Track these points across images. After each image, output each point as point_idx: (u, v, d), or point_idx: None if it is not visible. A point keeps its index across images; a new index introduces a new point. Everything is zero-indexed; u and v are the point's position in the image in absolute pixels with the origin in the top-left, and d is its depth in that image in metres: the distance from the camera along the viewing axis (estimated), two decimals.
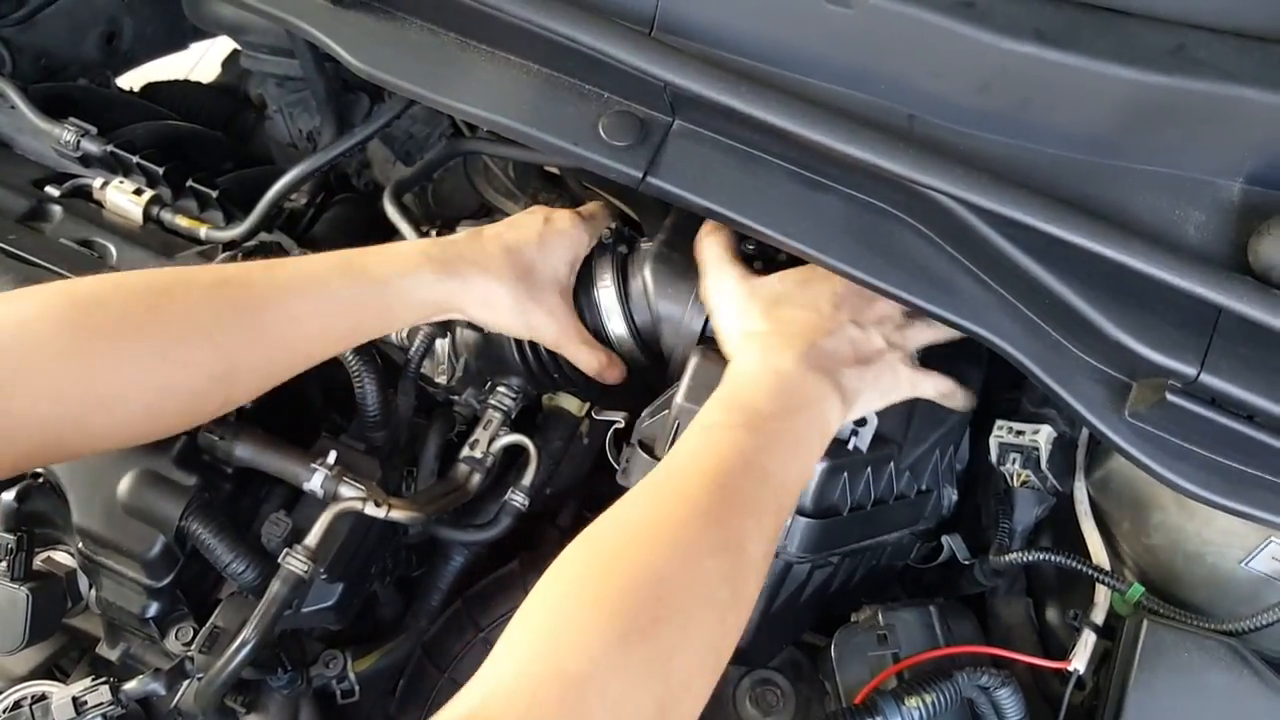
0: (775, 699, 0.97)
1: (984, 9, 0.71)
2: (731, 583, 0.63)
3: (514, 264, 0.90)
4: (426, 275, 0.85)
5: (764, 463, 0.69)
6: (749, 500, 0.67)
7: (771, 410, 0.73)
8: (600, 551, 0.62)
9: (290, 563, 0.82)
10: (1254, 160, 0.70)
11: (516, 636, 0.58)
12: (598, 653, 0.55)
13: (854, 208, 0.78)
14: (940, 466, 0.92)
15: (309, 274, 0.81)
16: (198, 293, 0.77)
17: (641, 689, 0.56)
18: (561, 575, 0.61)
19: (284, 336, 0.80)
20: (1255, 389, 0.66)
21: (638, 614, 0.57)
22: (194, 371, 0.76)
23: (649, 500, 0.66)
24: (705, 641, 0.60)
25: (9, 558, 0.88)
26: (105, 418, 0.74)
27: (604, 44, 0.73)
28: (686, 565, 0.61)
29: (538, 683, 0.53)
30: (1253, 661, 0.78)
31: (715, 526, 0.64)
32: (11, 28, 1.22)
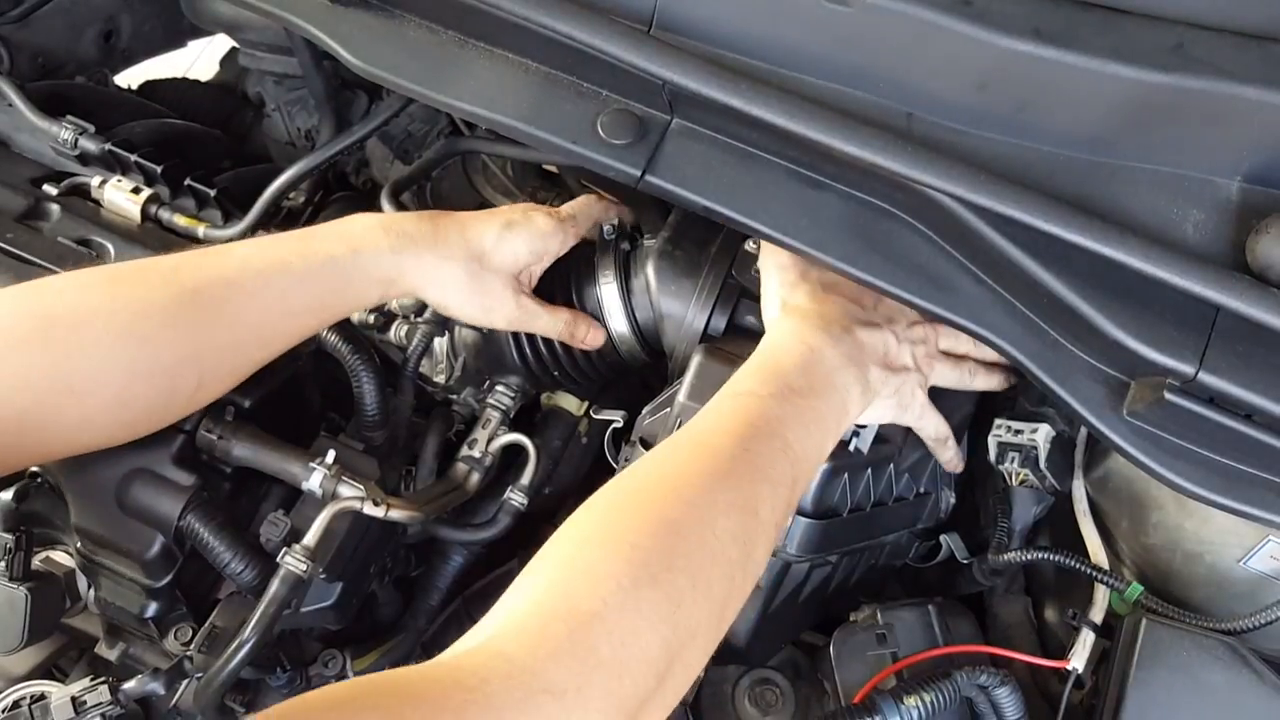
0: (774, 698, 0.97)
1: (982, 7, 0.71)
2: (743, 543, 0.64)
3: (468, 245, 0.89)
4: (383, 249, 0.85)
5: (786, 434, 0.70)
6: (768, 468, 0.68)
7: (800, 385, 0.74)
8: (622, 498, 0.64)
9: (289, 562, 0.82)
10: (1252, 159, 0.70)
11: (533, 573, 0.59)
12: (608, 592, 0.56)
13: (852, 206, 0.78)
14: (939, 469, 0.92)
15: (263, 253, 0.82)
16: (154, 277, 0.77)
17: (649, 631, 0.57)
18: (583, 518, 0.63)
19: (244, 316, 0.80)
20: (1253, 388, 0.66)
21: (650, 560, 0.59)
22: (159, 349, 0.76)
23: (675, 455, 0.68)
24: (713, 594, 0.62)
25: (7, 557, 0.88)
26: (77, 405, 0.74)
27: (603, 42, 0.73)
28: (702, 520, 0.62)
29: (548, 617, 0.55)
30: (1251, 660, 0.78)
31: (733, 487, 0.65)
32: (9, 25, 1.22)
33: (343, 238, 0.85)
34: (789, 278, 0.85)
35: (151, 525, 0.87)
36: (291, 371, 0.96)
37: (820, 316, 0.81)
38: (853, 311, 0.82)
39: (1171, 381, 0.68)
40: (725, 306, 0.94)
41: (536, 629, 0.55)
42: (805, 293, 0.84)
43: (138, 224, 1.06)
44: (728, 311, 0.94)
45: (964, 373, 0.88)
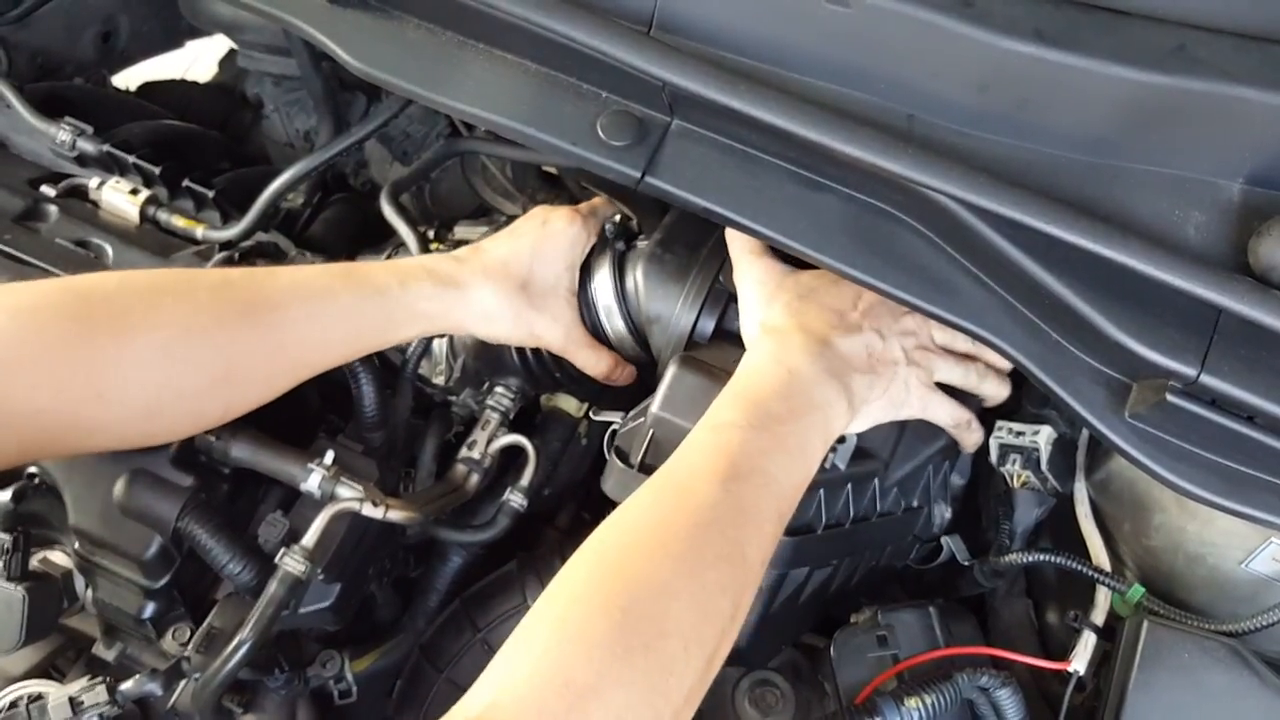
0: (775, 700, 0.96)
1: (983, 8, 0.71)
2: (732, 594, 0.64)
3: (511, 275, 0.90)
4: (426, 287, 0.86)
5: (768, 467, 0.70)
6: (752, 508, 0.68)
7: (780, 412, 0.73)
8: (608, 559, 0.63)
9: (287, 563, 0.82)
10: (1254, 160, 0.70)
11: (524, 641, 0.59)
12: (603, 665, 0.56)
13: (853, 208, 0.77)
14: (932, 484, 0.92)
15: (311, 279, 0.82)
16: (202, 293, 0.77)
17: (643, 701, 0.57)
18: (570, 582, 0.62)
19: (285, 341, 0.80)
20: (1255, 390, 0.66)
21: (643, 627, 0.59)
22: (194, 370, 0.76)
23: (657, 504, 0.67)
24: (705, 653, 0.61)
25: (5, 558, 0.88)
26: (104, 412, 0.73)
27: (602, 43, 0.73)
28: (691, 577, 0.62)
29: (545, 691, 0.55)
30: (1253, 662, 0.78)
31: (719, 536, 0.65)
32: (7, 26, 1.22)
33: (390, 273, 0.85)
34: (764, 293, 0.85)
35: (149, 526, 0.87)
36: None
37: (798, 332, 0.80)
38: (831, 320, 0.81)
39: (1173, 383, 0.68)
40: (712, 310, 0.93)
41: (536, 702, 0.55)
42: (781, 307, 0.83)
43: (136, 225, 1.06)
44: (715, 315, 0.93)
45: (970, 372, 0.87)
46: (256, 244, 1.05)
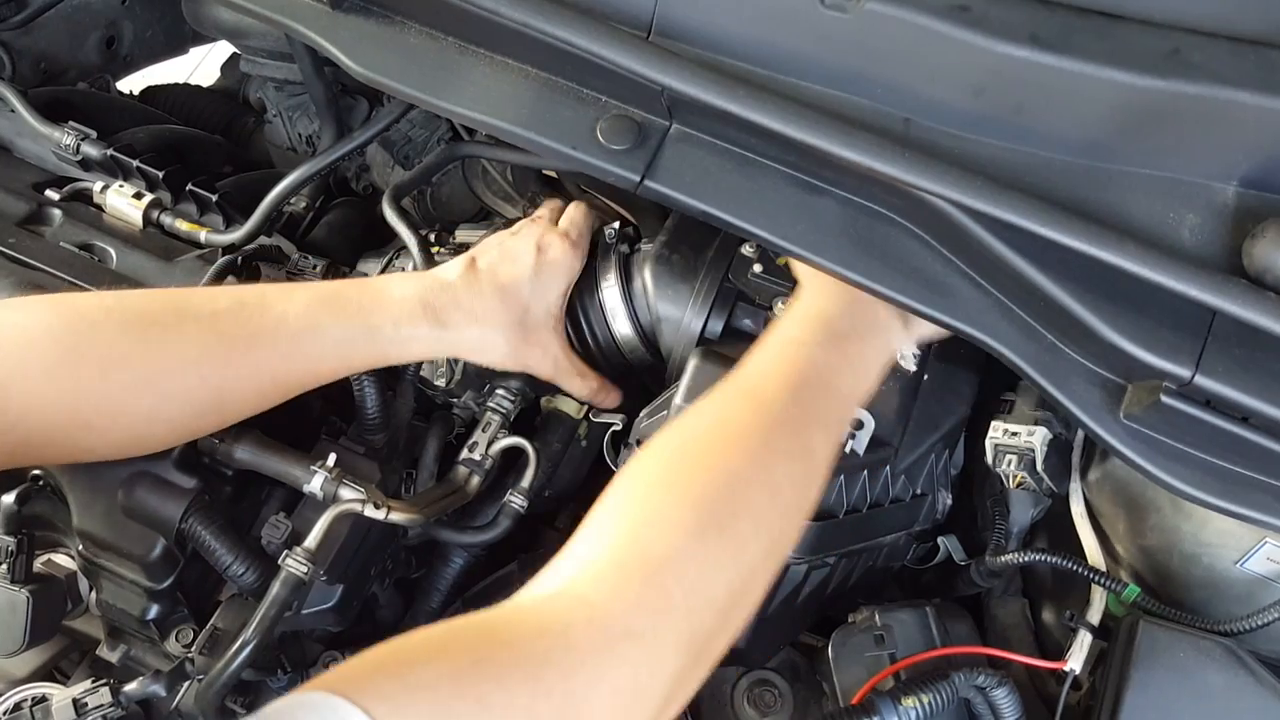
0: (773, 699, 0.97)
1: (979, 13, 0.72)
2: (799, 487, 0.69)
3: (509, 307, 0.90)
4: (422, 326, 0.86)
5: (834, 380, 0.74)
6: (820, 413, 0.72)
7: (845, 329, 0.78)
8: (686, 448, 0.67)
9: (290, 564, 0.82)
10: (1248, 163, 0.70)
11: (604, 519, 0.62)
12: (680, 541, 0.60)
13: (850, 211, 0.78)
14: (935, 471, 0.93)
15: (302, 313, 0.82)
16: (190, 325, 0.77)
17: (716, 577, 0.61)
18: (648, 468, 0.65)
19: (273, 372, 0.81)
20: (1250, 391, 0.66)
21: (717, 509, 0.62)
22: (181, 401, 0.78)
23: (732, 404, 0.70)
24: (772, 537, 0.66)
25: (9, 560, 0.88)
26: (90, 437, 0.75)
27: (602, 48, 0.73)
28: (763, 468, 0.66)
29: (623, 564, 0.58)
30: (1248, 662, 0.78)
31: (790, 435, 0.69)
32: (11, 31, 1.23)
33: (383, 309, 0.85)
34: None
35: (153, 528, 0.87)
36: None
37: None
38: None
39: (1168, 385, 0.68)
40: (722, 310, 0.94)
41: (613, 576, 0.58)
42: None
43: (140, 229, 1.06)
44: (724, 315, 0.94)
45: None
46: (259, 248, 1.06)
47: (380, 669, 0.50)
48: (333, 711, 0.46)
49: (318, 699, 0.46)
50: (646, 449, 0.67)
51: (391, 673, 0.50)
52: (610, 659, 0.54)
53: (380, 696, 0.47)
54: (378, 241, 1.15)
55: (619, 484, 0.65)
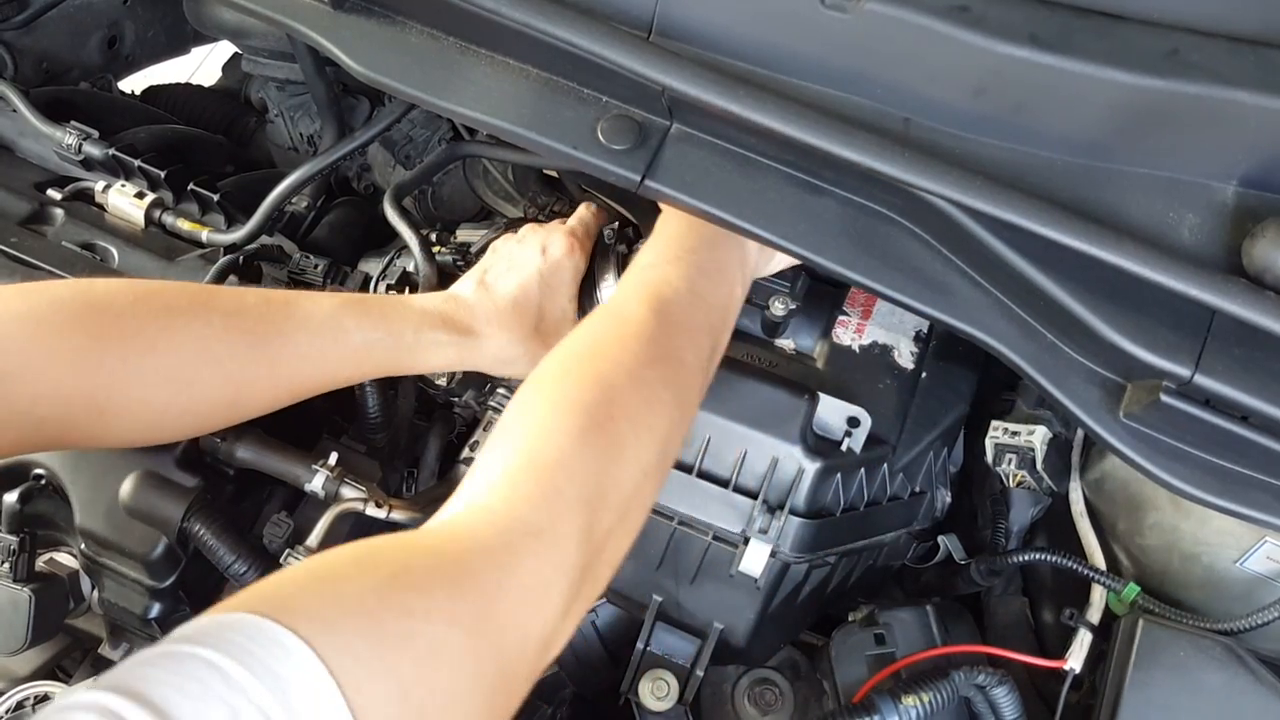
0: (773, 698, 0.97)
1: (979, 13, 0.72)
2: (672, 387, 0.72)
3: (525, 316, 0.91)
4: (440, 335, 0.87)
5: (692, 288, 0.78)
6: (682, 320, 0.76)
7: (694, 243, 0.82)
8: (562, 367, 0.71)
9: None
10: (1248, 163, 0.70)
11: (495, 442, 0.66)
12: (565, 444, 0.64)
13: (850, 211, 0.78)
14: (934, 469, 0.93)
15: (326, 316, 0.82)
16: (216, 319, 0.77)
17: (604, 474, 0.65)
18: (531, 391, 0.69)
19: (293, 372, 0.81)
20: (1249, 390, 0.67)
21: (595, 413, 0.66)
22: (200, 394, 0.77)
23: (599, 327, 0.74)
24: (655, 435, 0.70)
25: (12, 559, 0.88)
26: (103, 424, 0.74)
27: (602, 48, 0.74)
28: (633, 376, 0.70)
29: (516, 471, 0.62)
30: (1248, 661, 0.78)
31: (653, 343, 0.72)
32: (13, 31, 1.23)
33: (405, 317, 0.86)
34: None
35: (155, 527, 0.87)
36: None
37: None
38: None
39: (1167, 384, 0.68)
40: None
41: (508, 483, 0.61)
42: None
43: (141, 229, 1.07)
44: None
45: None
46: (261, 247, 1.06)
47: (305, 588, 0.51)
48: (260, 633, 0.45)
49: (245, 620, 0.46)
50: (531, 376, 0.70)
51: (316, 591, 0.50)
52: (516, 555, 0.57)
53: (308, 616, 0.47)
54: (379, 241, 1.16)
55: (508, 411, 0.68)
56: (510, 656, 0.56)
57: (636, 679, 0.90)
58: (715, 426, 0.86)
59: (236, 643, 0.45)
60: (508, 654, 0.55)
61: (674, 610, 0.91)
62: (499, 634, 0.55)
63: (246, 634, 0.45)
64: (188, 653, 0.44)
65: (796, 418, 0.85)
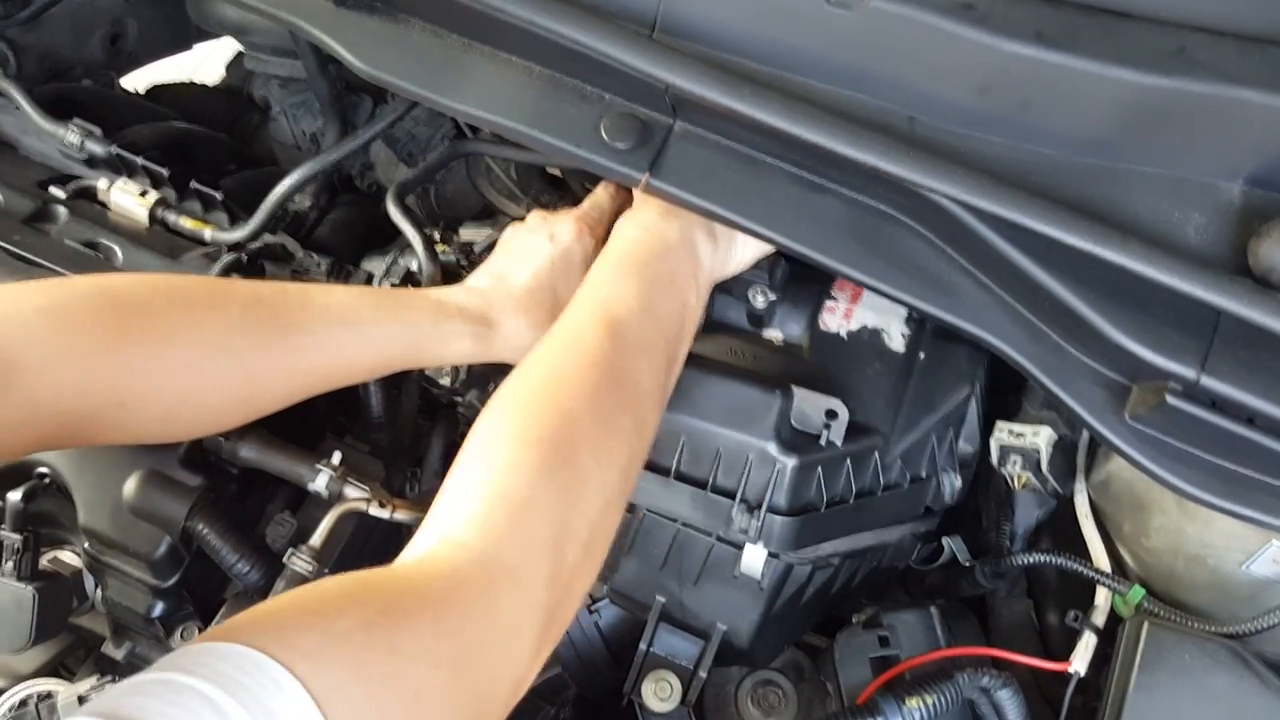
0: (777, 699, 0.97)
1: (984, 11, 0.72)
2: (629, 412, 0.73)
3: (540, 304, 0.91)
4: (459, 326, 0.86)
5: (644, 303, 0.77)
6: (636, 340, 0.75)
7: (641, 256, 0.81)
8: (522, 399, 0.71)
9: (295, 563, 0.83)
10: (1254, 162, 0.70)
11: (464, 475, 0.66)
12: (533, 481, 0.64)
13: (855, 210, 0.78)
14: (938, 453, 0.91)
15: (344, 306, 0.82)
16: (234, 310, 0.77)
17: (572, 507, 0.66)
18: (494, 422, 0.69)
19: (311, 365, 0.81)
20: (1256, 392, 0.66)
21: (559, 448, 0.67)
22: (219, 386, 0.77)
23: (552, 354, 0.74)
24: (616, 463, 0.70)
25: (15, 557, 0.89)
26: (124, 416, 0.74)
27: (606, 46, 0.73)
28: (591, 404, 0.70)
29: (489, 507, 0.62)
30: (1254, 664, 0.78)
31: (609, 369, 0.72)
32: (16, 29, 1.22)
33: (423, 309, 0.86)
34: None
35: (158, 526, 0.88)
36: None
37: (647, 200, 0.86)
38: None
39: (1173, 385, 0.68)
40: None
41: (483, 518, 0.62)
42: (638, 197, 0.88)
43: (145, 227, 1.06)
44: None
45: None
46: (264, 245, 1.06)
47: (299, 620, 0.51)
48: (254, 666, 0.46)
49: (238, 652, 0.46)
50: (490, 405, 0.70)
51: (309, 625, 0.51)
52: (494, 596, 0.58)
53: (301, 652, 0.48)
54: (382, 239, 1.15)
55: (471, 442, 0.68)
56: (486, 698, 0.57)
57: (639, 680, 0.90)
58: (689, 428, 0.86)
59: (229, 675, 0.45)
60: (484, 696, 0.57)
61: (677, 611, 0.91)
62: (478, 675, 0.56)
63: (240, 666, 0.46)
64: (181, 683, 0.44)
65: (769, 414, 0.84)
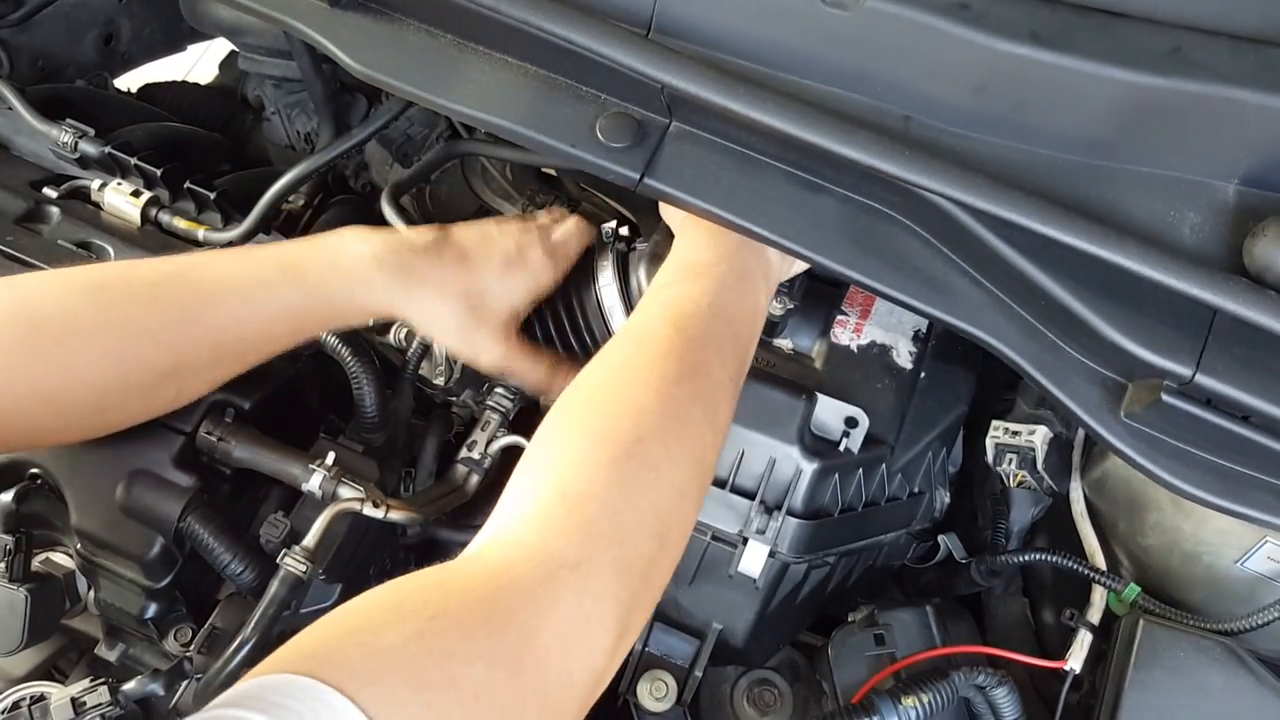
0: (773, 699, 0.97)
1: (979, 11, 0.72)
2: (701, 403, 0.70)
3: (465, 286, 0.88)
4: (375, 279, 0.85)
5: (713, 302, 0.76)
6: (706, 335, 0.74)
7: (710, 258, 0.80)
8: (588, 395, 0.69)
9: (289, 563, 0.82)
10: (1249, 162, 0.70)
11: (525, 473, 0.65)
12: (595, 474, 0.62)
13: (850, 209, 0.78)
14: (933, 469, 0.93)
15: (251, 272, 0.81)
16: (141, 290, 0.77)
17: (638, 500, 0.63)
18: (558, 420, 0.68)
19: (228, 336, 0.81)
20: (1250, 390, 0.66)
21: (624, 439, 0.65)
22: (141, 367, 0.77)
23: (622, 351, 0.73)
24: (687, 453, 0.68)
25: (7, 559, 0.88)
26: (54, 414, 0.75)
27: (601, 46, 0.73)
28: (659, 393, 0.68)
29: (546, 503, 0.61)
30: (1248, 661, 0.78)
31: (679, 360, 0.71)
32: (9, 29, 1.22)
33: (335, 265, 0.84)
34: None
35: (151, 527, 0.87)
36: (291, 374, 0.96)
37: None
38: None
39: (1169, 383, 0.68)
40: None
41: (539, 515, 0.60)
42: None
43: (138, 227, 1.06)
44: None
45: None
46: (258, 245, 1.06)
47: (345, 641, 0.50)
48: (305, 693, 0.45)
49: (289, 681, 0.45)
50: (555, 406, 0.69)
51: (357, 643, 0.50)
52: (553, 589, 0.56)
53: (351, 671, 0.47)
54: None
55: (535, 441, 0.67)
56: (555, 694, 0.55)
57: (635, 679, 0.90)
58: None
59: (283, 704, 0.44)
60: (552, 692, 0.55)
61: (672, 610, 0.91)
62: (541, 672, 0.54)
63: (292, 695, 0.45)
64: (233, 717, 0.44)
65: (794, 418, 0.85)
